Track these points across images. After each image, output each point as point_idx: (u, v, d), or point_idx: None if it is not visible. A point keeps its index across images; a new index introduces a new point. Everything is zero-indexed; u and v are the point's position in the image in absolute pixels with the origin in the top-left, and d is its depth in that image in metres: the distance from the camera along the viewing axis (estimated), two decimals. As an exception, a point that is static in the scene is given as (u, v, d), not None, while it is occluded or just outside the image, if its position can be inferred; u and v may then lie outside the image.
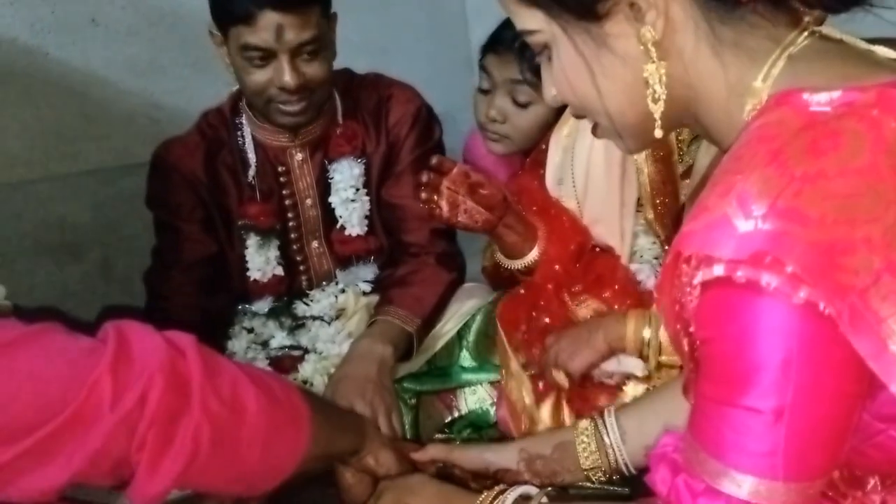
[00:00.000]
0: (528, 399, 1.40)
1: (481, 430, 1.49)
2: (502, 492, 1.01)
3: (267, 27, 1.48)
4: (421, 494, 1.06)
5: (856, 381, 0.69)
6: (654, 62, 0.78)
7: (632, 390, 1.34)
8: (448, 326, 1.60)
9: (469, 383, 1.54)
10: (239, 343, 1.70)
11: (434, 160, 1.43)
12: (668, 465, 0.80)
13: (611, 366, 1.35)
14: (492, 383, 1.52)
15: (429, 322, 1.61)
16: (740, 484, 0.72)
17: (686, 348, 0.77)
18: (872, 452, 0.75)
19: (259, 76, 1.54)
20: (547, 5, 0.79)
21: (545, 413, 1.39)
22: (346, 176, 1.73)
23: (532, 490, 1.02)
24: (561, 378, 1.36)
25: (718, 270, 0.67)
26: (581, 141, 1.42)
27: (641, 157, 1.34)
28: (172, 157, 1.70)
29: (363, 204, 1.75)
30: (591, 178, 1.42)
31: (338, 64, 1.67)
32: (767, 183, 0.67)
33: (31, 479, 0.81)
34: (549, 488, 1.05)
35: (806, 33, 0.76)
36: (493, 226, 1.41)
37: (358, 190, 1.74)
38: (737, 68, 0.77)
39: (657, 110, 0.80)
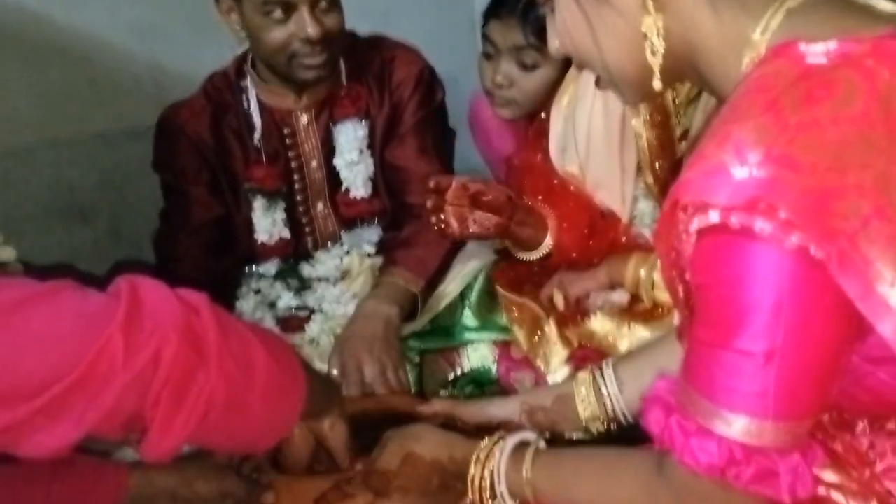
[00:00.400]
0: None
1: (483, 386, 1.51)
2: (502, 438, 1.04)
3: None
4: (425, 441, 1.09)
5: (845, 325, 0.71)
6: (651, 15, 0.79)
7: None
8: (451, 287, 1.62)
9: (471, 342, 1.56)
10: (247, 304, 1.72)
11: (431, 182, 1.43)
12: (662, 406, 0.83)
13: (600, 296, 1.41)
14: (494, 342, 1.54)
15: (432, 283, 1.62)
16: (731, 423, 0.74)
17: (681, 295, 0.79)
18: (861, 394, 0.77)
19: (280, 32, 1.55)
20: None
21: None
22: (351, 138, 1.74)
23: (531, 436, 1.04)
24: (559, 300, 1.42)
25: (714, 217, 0.69)
26: (581, 109, 1.44)
27: (639, 123, 1.35)
28: (178, 120, 1.72)
29: (367, 166, 1.77)
30: (591, 145, 1.43)
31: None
32: (763, 131, 0.68)
33: (45, 435, 0.81)
34: (547, 434, 1.09)
35: None
36: (506, 227, 1.43)
37: (362, 152, 1.75)
38: (734, 22, 0.79)
39: (656, 63, 0.81)
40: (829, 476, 0.88)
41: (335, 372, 1.43)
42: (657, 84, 0.83)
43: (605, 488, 0.93)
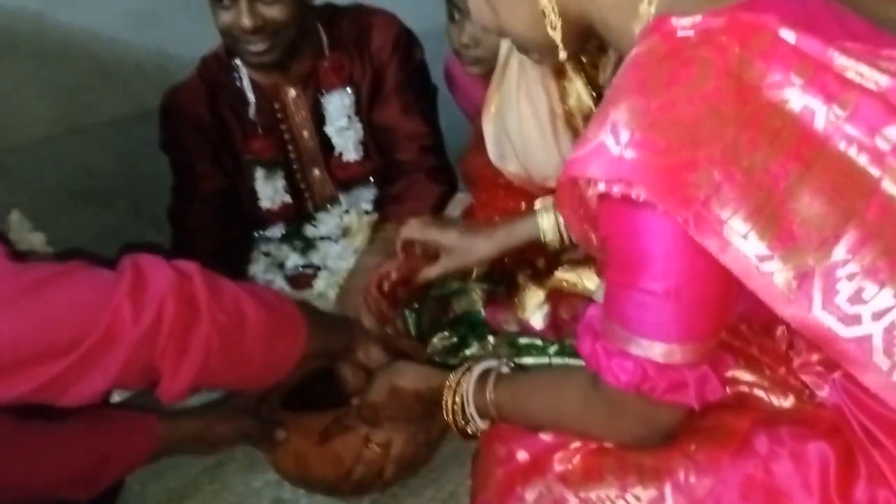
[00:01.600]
0: None
1: (475, 328, 1.62)
2: (470, 367, 1.16)
3: None
4: (406, 375, 1.22)
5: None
6: None
7: None
8: None
9: (461, 290, 1.65)
10: (258, 266, 1.87)
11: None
12: (591, 333, 0.95)
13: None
14: (481, 290, 1.64)
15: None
16: (644, 347, 0.86)
17: (595, 242, 0.91)
18: (762, 310, 0.85)
19: (224, 17, 1.65)
20: None
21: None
22: (338, 106, 1.85)
23: (494, 363, 1.16)
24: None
25: (601, 187, 0.81)
26: (510, 115, 1.49)
27: (574, 104, 1.42)
28: (178, 102, 1.85)
29: (356, 131, 1.88)
30: (528, 146, 1.48)
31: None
32: (632, 113, 0.79)
33: (80, 386, 0.98)
34: (511, 361, 1.22)
35: None
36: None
37: (350, 118, 1.86)
38: None
39: (557, 36, 0.92)
40: (744, 375, 1.01)
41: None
42: (562, 54, 0.94)
43: (553, 402, 1.05)
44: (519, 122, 1.48)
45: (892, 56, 0.79)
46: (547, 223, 1.30)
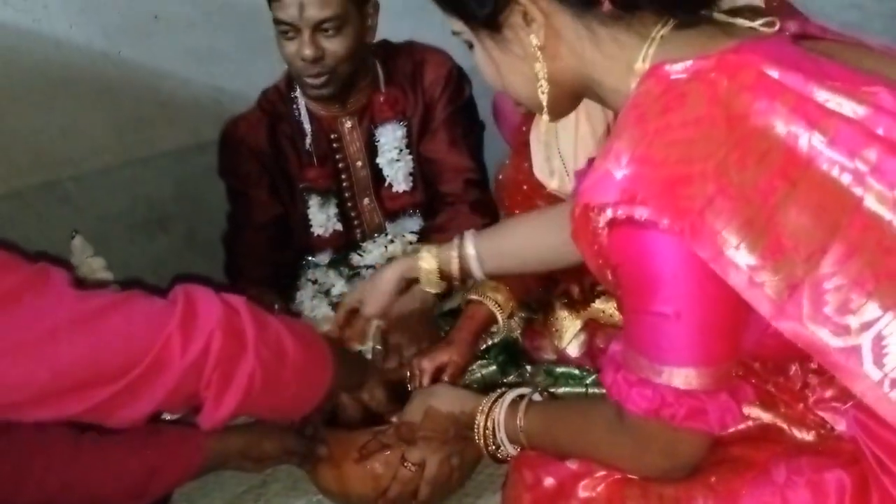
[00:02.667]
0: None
1: (514, 356, 1.66)
2: (503, 393, 1.21)
3: (291, 3, 1.68)
4: (442, 397, 1.27)
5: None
6: (540, 62, 0.94)
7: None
8: None
9: None
10: (305, 293, 1.94)
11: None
12: (613, 365, 0.98)
13: None
14: (521, 317, 1.68)
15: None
16: (661, 373, 0.90)
17: (610, 277, 0.94)
18: (769, 342, 0.91)
19: (289, 48, 1.74)
20: (462, 16, 0.97)
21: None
22: (391, 139, 1.92)
23: (527, 391, 1.20)
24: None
25: (609, 213, 0.85)
26: (564, 133, 1.51)
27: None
28: (239, 132, 1.93)
29: (407, 163, 1.95)
30: (581, 152, 1.50)
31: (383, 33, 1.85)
32: (631, 139, 0.85)
33: (127, 410, 1.03)
34: (546, 390, 1.25)
35: (671, 23, 0.91)
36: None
37: (402, 150, 1.94)
38: (619, 57, 0.92)
39: (544, 100, 0.97)
40: (761, 414, 1.03)
41: (378, 347, 1.60)
42: (545, 118, 0.99)
43: (579, 432, 1.08)
44: (576, 142, 1.51)
45: (869, 91, 0.83)
46: (427, 266, 1.36)
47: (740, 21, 0.92)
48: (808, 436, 1.02)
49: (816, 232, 0.80)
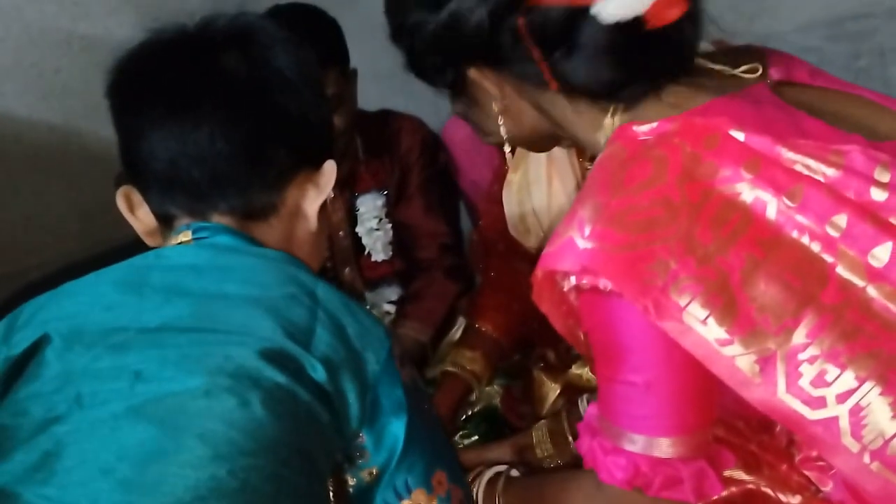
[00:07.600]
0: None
1: (495, 424, 1.62)
2: (482, 470, 1.17)
3: None
4: None
5: None
6: (502, 125, 0.97)
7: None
8: (459, 334, 1.73)
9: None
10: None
11: None
12: (589, 431, 0.95)
13: None
14: (499, 385, 1.65)
15: (441, 331, 1.78)
16: (634, 442, 0.86)
17: (582, 338, 0.92)
18: (746, 404, 0.85)
19: None
20: (429, 84, 1.00)
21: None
22: (370, 207, 1.90)
23: (504, 468, 1.16)
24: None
25: (573, 280, 0.83)
26: (536, 189, 1.51)
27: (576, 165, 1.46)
28: None
29: (386, 232, 1.92)
30: (557, 219, 1.44)
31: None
32: (595, 209, 0.83)
33: None
34: (520, 465, 1.21)
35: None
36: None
37: (381, 220, 1.91)
38: (591, 115, 0.91)
39: (509, 157, 1.02)
40: (743, 476, 0.99)
41: None
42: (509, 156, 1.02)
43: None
44: (549, 198, 1.50)
45: (840, 150, 0.81)
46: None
47: (720, 68, 0.90)
48: (793, 500, 0.98)
49: (788, 303, 0.78)
